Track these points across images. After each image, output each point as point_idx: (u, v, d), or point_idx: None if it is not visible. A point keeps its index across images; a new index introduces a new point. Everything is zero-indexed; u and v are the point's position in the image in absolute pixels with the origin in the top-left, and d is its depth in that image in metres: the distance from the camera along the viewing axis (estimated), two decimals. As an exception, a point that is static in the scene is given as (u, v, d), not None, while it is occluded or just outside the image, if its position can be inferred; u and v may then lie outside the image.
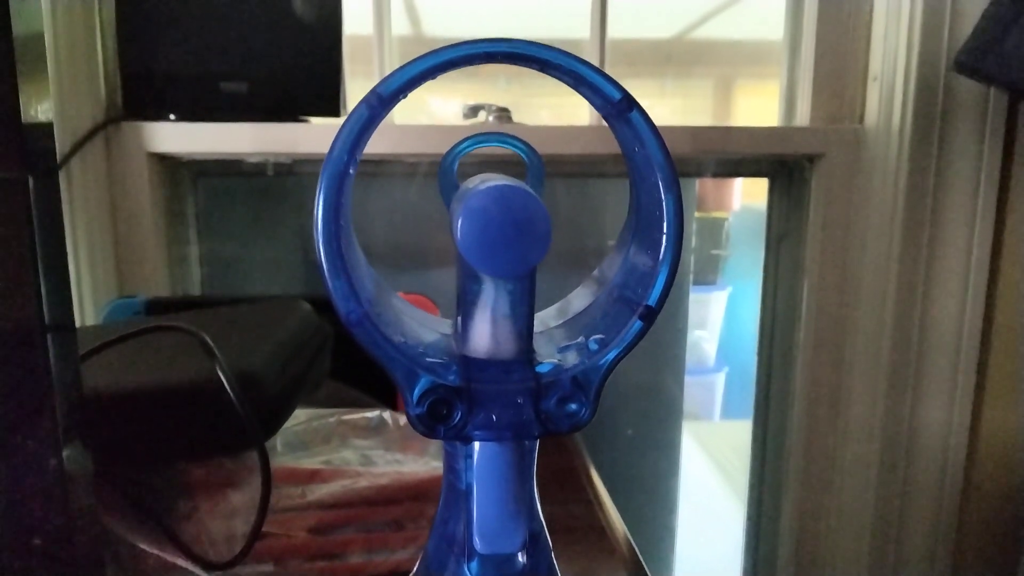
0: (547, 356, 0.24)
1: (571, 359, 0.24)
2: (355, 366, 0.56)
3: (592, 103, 0.23)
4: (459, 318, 0.25)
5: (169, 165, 0.91)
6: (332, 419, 0.52)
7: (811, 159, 0.93)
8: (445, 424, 0.23)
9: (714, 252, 1.79)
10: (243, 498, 0.39)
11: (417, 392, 0.23)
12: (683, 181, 0.96)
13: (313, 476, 0.45)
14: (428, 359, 0.23)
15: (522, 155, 0.27)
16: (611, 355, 0.23)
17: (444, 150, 1.05)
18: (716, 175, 1.04)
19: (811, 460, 0.99)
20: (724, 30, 1.12)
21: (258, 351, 0.40)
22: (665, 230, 0.22)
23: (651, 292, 0.23)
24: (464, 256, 0.22)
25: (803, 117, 0.93)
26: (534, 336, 0.25)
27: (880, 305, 0.90)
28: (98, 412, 0.31)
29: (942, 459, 0.92)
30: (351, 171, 0.22)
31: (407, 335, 0.24)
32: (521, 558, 0.27)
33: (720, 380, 1.96)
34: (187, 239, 0.96)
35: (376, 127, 0.22)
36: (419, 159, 0.93)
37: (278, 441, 0.43)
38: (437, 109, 1.05)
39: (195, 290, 0.98)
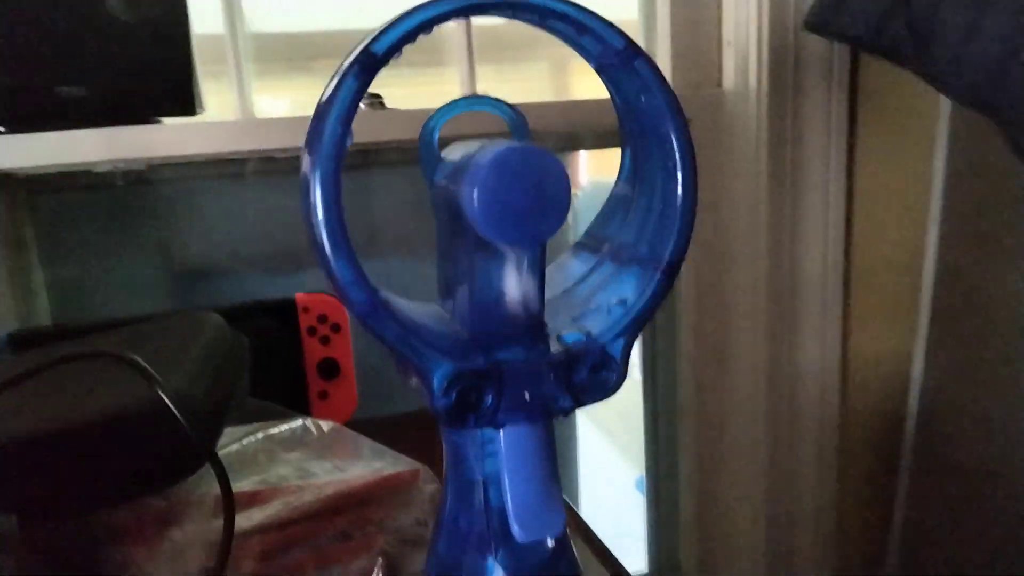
0: (564, 328, 0.23)
1: (595, 326, 0.22)
2: (259, 375, 0.52)
3: (589, 55, 0.22)
4: (462, 298, 0.23)
5: (1, 183, 0.80)
6: (257, 436, 0.48)
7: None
8: (476, 412, 0.21)
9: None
10: (187, 534, 0.35)
11: (443, 381, 0.21)
12: (561, 156, 0.96)
13: (252, 499, 0.41)
14: (447, 344, 0.21)
15: (505, 118, 0.25)
16: (639, 316, 0.22)
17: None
18: (595, 147, 1.05)
19: (703, 411, 1.04)
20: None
21: (180, 370, 0.35)
22: (680, 179, 0.22)
23: (670, 246, 0.22)
24: (480, 226, 0.20)
25: (665, 84, 0.95)
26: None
27: (753, 255, 0.95)
28: (14, 462, 0.27)
29: (820, 389, 0.99)
30: (347, 144, 0.19)
31: (413, 323, 0.22)
32: (550, 541, 0.25)
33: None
34: (29, 264, 0.85)
35: (364, 94, 0.19)
36: (285, 154, 0.88)
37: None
38: (266, 108, 0.99)
39: (45, 320, 0.87)
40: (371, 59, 0.19)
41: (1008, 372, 0.85)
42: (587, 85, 1.33)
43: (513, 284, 0.22)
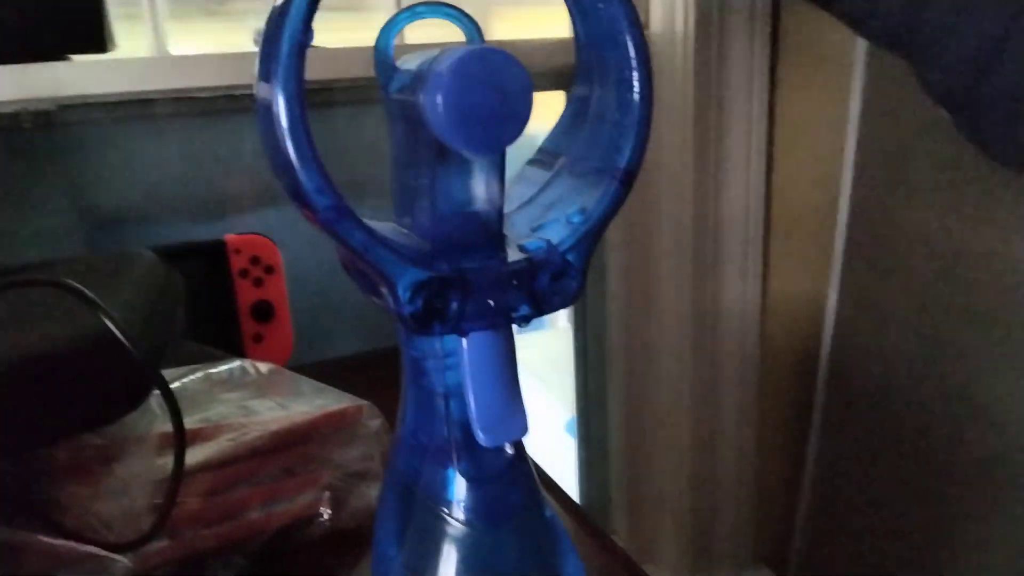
0: (524, 237, 0.24)
1: (555, 235, 0.23)
2: (192, 318, 0.51)
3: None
4: (422, 210, 0.23)
5: None
6: (196, 376, 0.47)
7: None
8: (441, 319, 0.21)
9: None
10: (131, 471, 0.34)
11: (409, 288, 0.21)
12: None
13: (196, 436, 0.41)
14: (412, 252, 0.21)
15: (463, 28, 0.25)
16: (598, 224, 0.23)
17: (232, 80, 0.96)
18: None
19: (631, 351, 1.07)
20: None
21: (117, 303, 0.34)
22: (637, 87, 0.22)
23: (627, 153, 0.23)
24: (444, 132, 0.20)
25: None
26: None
27: (679, 198, 0.97)
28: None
29: (741, 325, 1.03)
30: (309, 42, 0.19)
31: (377, 232, 0.22)
32: (509, 450, 0.26)
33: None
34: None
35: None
36: (203, 94, 0.84)
37: (153, 404, 0.38)
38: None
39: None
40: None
41: (917, 305, 0.90)
42: (508, 30, 1.32)
43: (474, 192, 0.22)
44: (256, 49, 0.68)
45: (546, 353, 1.74)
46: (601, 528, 0.47)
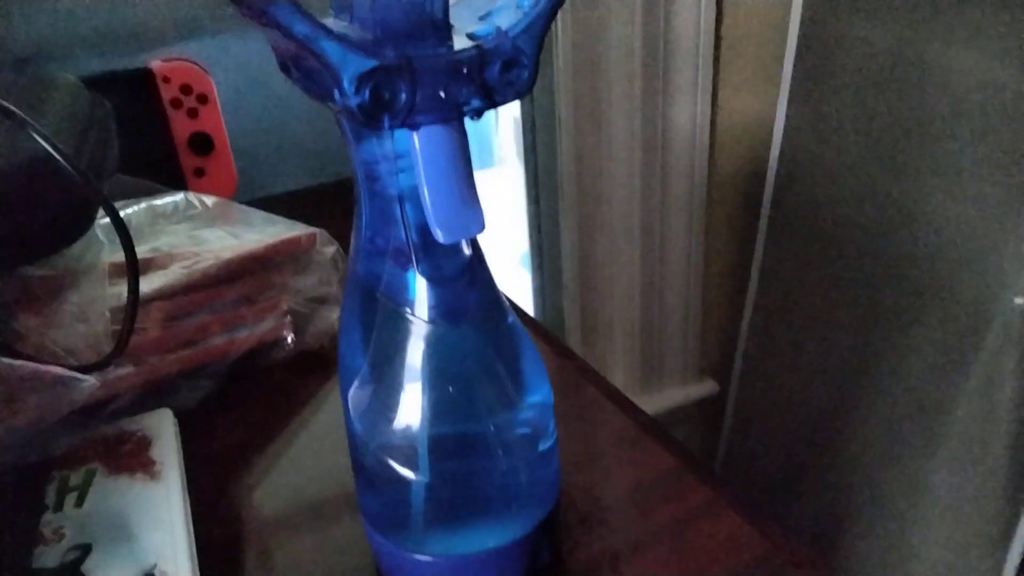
0: (472, 25, 0.23)
1: (504, 21, 0.22)
2: (126, 153, 0.49)
3: None
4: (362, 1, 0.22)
5: None
6: (139, 207, 0.45)
7: None
8: (390, 110, 0.21)
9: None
10: (85, 298, 0.33)
11: (355, 77, 0.20)
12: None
13: (148, 265, 0.40)
14: (356, 42, 0.20)
15: None
16: (548, 7, 0.22)
17: None
18: None
19: (582, 179, 1.07)
20: None
21: (48, 131, 0.32)
22: None
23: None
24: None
25: None
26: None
27: (628, 18, 0.94)
28: None
29: (691, 147, 1.04)
30: None
31: (320, 22, 0.21)
32: (467, 250, 0.27)
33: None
34: None
35: None
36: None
37: (99, 233, 0.37)
38: None
39: None
40: None
41: (863, 119, 0.91)
42: None
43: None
44: None
45: (497, 189, 1.74)
46: (558, 337, 0.49)
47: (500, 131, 1.96)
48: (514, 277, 1.42)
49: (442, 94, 0.21)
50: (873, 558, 1.02)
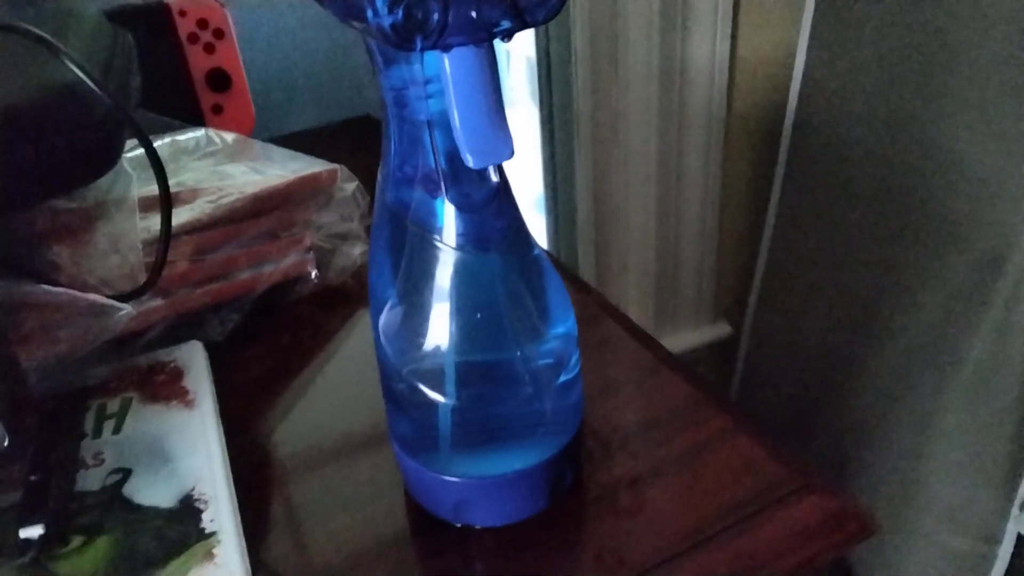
0: (502, -56, 0.22)
1: (535, -61, 0.22)
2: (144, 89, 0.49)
3: None
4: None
5: None
6: (162, 142, 0.46)
7: None
8: (422, 30, 0.21)
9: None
10: (117, 229, 0.34)
11: (388, -3, 0.20)
12: None
13: (175, 200, 0.41)
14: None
15: None
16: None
17: None
18: None
19: (598, 116, 1.05)
20: None
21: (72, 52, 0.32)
22: None
23: None
24: None
25: None
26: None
27: (647, -52, 0.92)
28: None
29: (709, 83, 1.02)
30: None
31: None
32: (494, 178, 0.27)
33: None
34: None
35: None
36: None
37: (126, 166, 0.37)
38: None
39: None
40: None
41: (884, 57, 0.89)
42: None
43: None
44: None
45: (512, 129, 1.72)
46: (576, 274, 0.49)
47: (512, 72, 1.93)
48: (529, 221, 1.42)
49: (473, 14, 0.21)
50: (882, 494, 1.04)
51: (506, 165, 0.26)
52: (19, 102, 0.28)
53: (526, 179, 1.42)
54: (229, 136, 0.51)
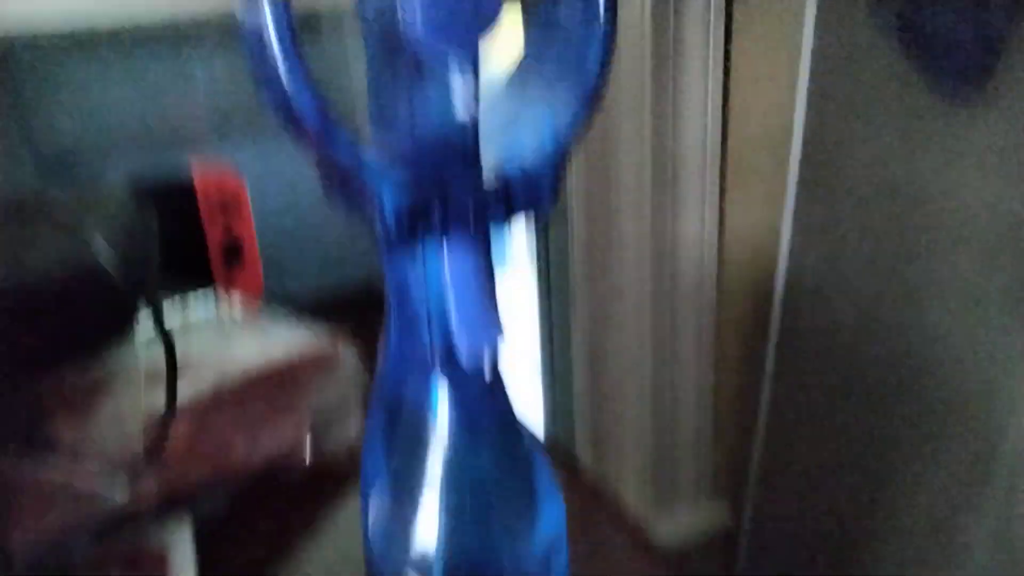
0: (500, 151, 0.25)
1: (529, 151, 0.24)
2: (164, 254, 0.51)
3: None
4: (399, 124, 0.24)
5: None
6: (174, 313, 0.47)
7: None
8: (424, 231, 0.23)
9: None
10: (121, 403, 0.35)
11: (394, 202, 0.22)
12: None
13: (180, 374, 0.42)
14: (394, 164, 0.22)
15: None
16: (568, 139, 0.24)
17: (187, 8, 0.93)
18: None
19: (593, 291, 1.09)
20: None
21: (97, 236, 0.34)
22: (603, 8, 0.23)
23: (594, 74, 0.24)
24: (420, 32, 0.21)
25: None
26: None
27: (639, 134, 0.99)
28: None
29: (699, 261, 1.06)
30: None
31: (360, 145, 0.23)
32: (487, 359, 0.28)
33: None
34: None
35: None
36: (158, 25, 0.82)
37: (138, 343, 0.38)
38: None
39: None
40: None
41: (869, 239, 0.93)
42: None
43: (451, 105, 0.23)
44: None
45: (507, 291, 1.76)
46: (570, 454, 0.49)
47: (514, 232, 2.01)
48: (523, 382, 1.42)
49: (470, 210, 0.23)
50: None
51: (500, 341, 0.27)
52: (42, 280, 0.30)
53: (523, 344, 1.44)
54: (238, 305, 0.53)
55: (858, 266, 0.95)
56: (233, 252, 0.60)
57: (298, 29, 0.19)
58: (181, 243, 0.58)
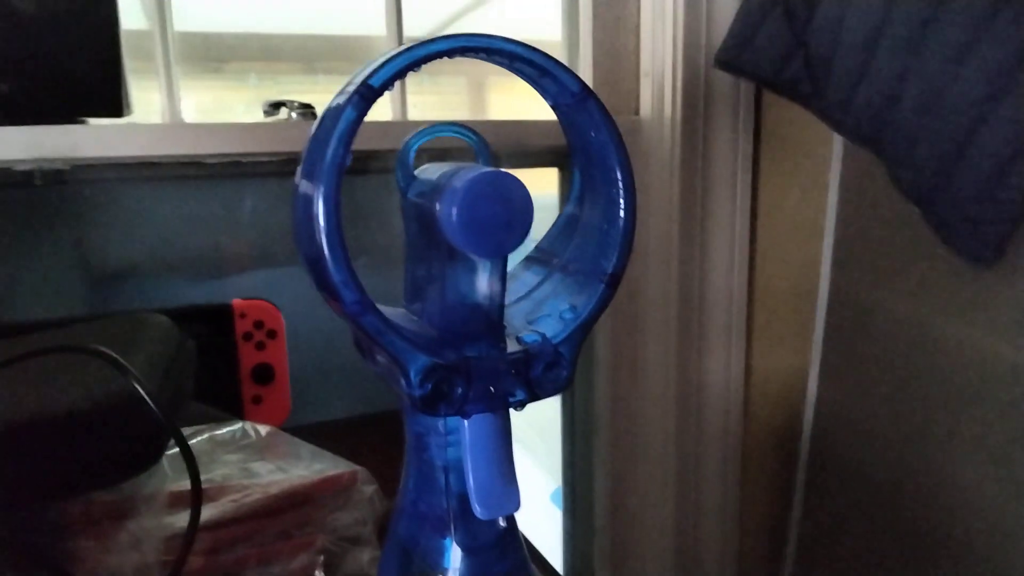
0: (521, 330, 0.27)
1: (549, 329, 0.26)
2: (198, 378, 0.53)
3: (547, 94, 0.26)
4: (432, 301, 0.26)
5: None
6: (201, 437, 0.49)
7: (598, 147, 1.01)
8: (447, 401, 0.24)
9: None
10: (143, 527, 0.36)
11: (420, 373, 0.24)
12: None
13: (202, 497, 0.43)
14: (422, 341, 0.24)
15: (472, 144, 0.28)
16: (587, 321, 0.26)
17: (243, 149, 1.01)
18: (516, 167, 1.10)
19: (617, 424, 1.09)
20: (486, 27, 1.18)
21: (137, 368, 0.36)
22: (622, 204, 0.25)
23: (613, 260, 0.26)
24: (457, 240, 0.23)
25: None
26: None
27: (666, 276, 1.01)
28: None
29: (725, 402, 1.06)
30: (347, 163, 0.22)
31: (392, 322, 0.25)
32: (502, 523, 0.29)
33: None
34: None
35: (362, 121, 0.22)
36: (212, 159, 0.88)
37: (164, 463, 0.40)
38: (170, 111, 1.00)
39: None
40: (369, 90, 0.22)
41: (894, 389, 0.93)
42: (502, 102, 1.38)
43: (480, 289, 0.25)
44: (265, 119, 0.73)
45: (535, 423, 1.76)
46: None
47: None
48: (544, 513, 1.40)
49: (492, 388, 0.25)
50: None
51: (525, 456, 0.28)
52: (82, 404, 0.32)
53: (545, 469, 1.42)
54: (263, 429, 0.55)
55: (884, 414, 0.94)
56: (264, 375, 0.63)
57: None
58: (215, 363, 0.60)
